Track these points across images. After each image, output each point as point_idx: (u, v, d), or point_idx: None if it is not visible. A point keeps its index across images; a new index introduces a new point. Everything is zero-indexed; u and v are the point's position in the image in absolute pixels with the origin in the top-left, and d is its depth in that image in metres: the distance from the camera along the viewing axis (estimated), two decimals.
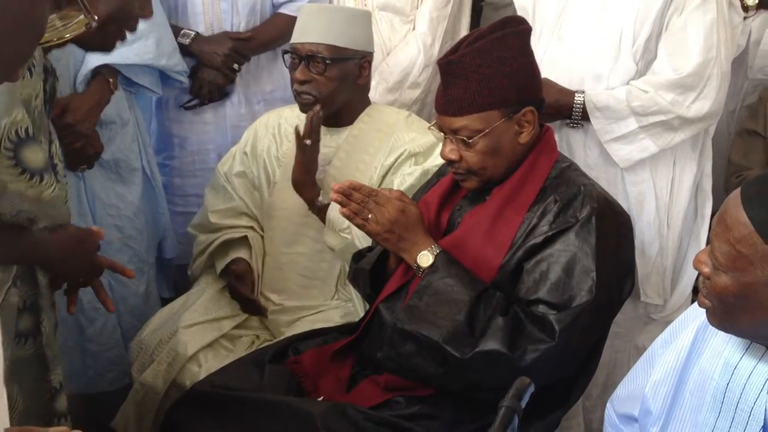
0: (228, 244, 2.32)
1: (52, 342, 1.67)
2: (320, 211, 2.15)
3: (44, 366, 1.66)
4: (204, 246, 2.35)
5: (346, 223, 2.08)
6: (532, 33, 1.82)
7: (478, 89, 1.69)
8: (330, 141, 2.22)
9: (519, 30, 1.75)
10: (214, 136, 2.69)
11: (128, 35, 2.24)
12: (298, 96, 2.16)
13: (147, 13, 1.54)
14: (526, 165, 1.78)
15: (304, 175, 2.15)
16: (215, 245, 2.32)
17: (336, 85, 2.13)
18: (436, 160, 2.13)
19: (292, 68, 2.16)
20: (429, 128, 1.89)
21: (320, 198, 2.16)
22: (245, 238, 2.31)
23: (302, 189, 2.16)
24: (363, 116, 2.23)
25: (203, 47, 2.56)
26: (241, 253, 2.29)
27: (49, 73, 1.55)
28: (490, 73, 1.69)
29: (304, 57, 2.12)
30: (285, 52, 2.21)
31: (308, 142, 2.12)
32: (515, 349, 1.64)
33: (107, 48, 1.59)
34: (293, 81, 2.16)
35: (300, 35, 2.15)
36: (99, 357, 2.42)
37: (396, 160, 2.16)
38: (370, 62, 2.20)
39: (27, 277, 1.59)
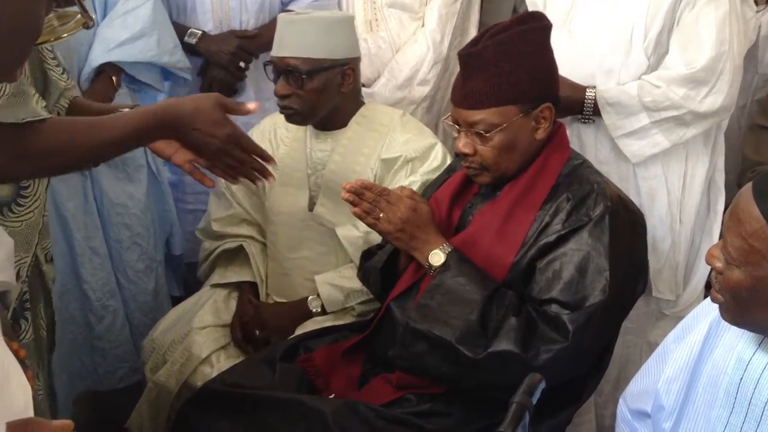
0: (230, 255, 2.34)
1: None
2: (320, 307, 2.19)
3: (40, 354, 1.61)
4: (207, 254, 2.37)
5: (343, 295, 2.14)
6: None
7: (498, 83, 1.69)
8: (324, 144, 2.21)
9: (540, 26, 1.75)
10: None
11: (129, 33, 2.26)
12: (281, 109, 2.13)
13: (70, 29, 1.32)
14: (538, 162, 1.77)
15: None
16: (215, 255, 2.34)
17: (317, 97, 2.09)
18: (433, 164, 2.12)
19: (275, 81, 2.13)
20: (443, 120, 1.87)
21: (311, 307, 2.18)
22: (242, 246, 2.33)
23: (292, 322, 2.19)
24: (357, 117, 2.20)
25: (210, 46, 2.57)
26: (245, 271, 2.30)
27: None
28: (511, 67, 1.68)
29: (282, 71, 2.09)
30: (266, 64, 2.17)
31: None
32: (528, 350, 1.64)
33: (6, 75, 1.43)
34: (274, 93, 2.13)
35: (278, 48, 2.09)
36: (108, 354, 2.44)
37: (393, 159, 2.14)
38: (353, 69, 2.14)
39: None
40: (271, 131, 2.31)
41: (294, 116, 2.13)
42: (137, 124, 1.35)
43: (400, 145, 2.15)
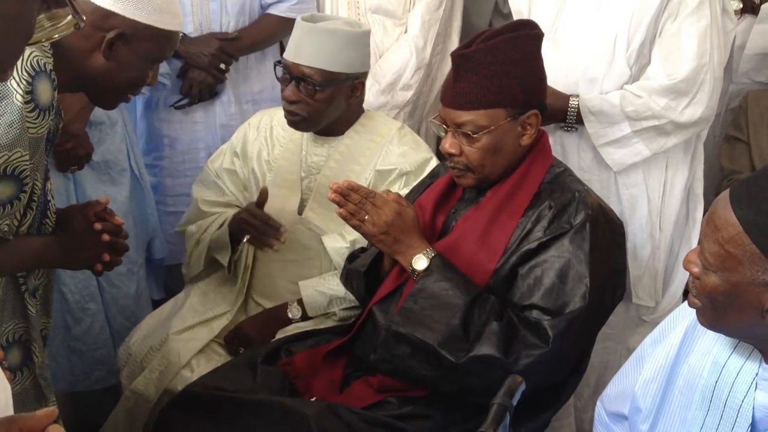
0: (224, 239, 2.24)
1: (46, 369, 1.67)
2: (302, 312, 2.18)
3: (38, 397, 1.66)
4: (199, 234, 2.26)
5: (326, 300, 2.13)
6: None
7: (488, 86, 1.71)
8: (321, 150, 2.21)
9: (532, 34, 1.77)
10: (204, 135, 2.70)
11: None
12: (286, 113, 2.12)
13: (154, 82, 1.64)
14: (521, 169, 1.80)
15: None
16: (212, 228, 2.23)
17: (325, 107, 2.09)
18: None
19: (283, 82, 2.12)
20: (430, 121, 1.89)
21: (290, 315, 2.17)
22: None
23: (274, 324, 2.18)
24: (356, 125, 2.21)
25: (190, 48, 2.57)
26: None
27: (57, 112, 1.57)
28: (501, 71, 1.71)
29: (295, 77, 2.08)
30: (277, 63, 2.17)
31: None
32: (509, 354, 1.66)
33: (110, 107, 1.69)
34: (283, 97, 2.12)
35: (293, 54, 2.08)
36: (85, 356, 2.42)
37: (388, 171, 2.15)
38: (363, 82, 2.15)
39: (19, 310, 1.60)
40: (267, 129, 2.29)
41: (300, 123, 2.12)
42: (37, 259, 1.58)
43: (395, 158, 2.16)
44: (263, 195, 2.14)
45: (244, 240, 2.17)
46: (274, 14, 2.65)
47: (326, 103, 2.09)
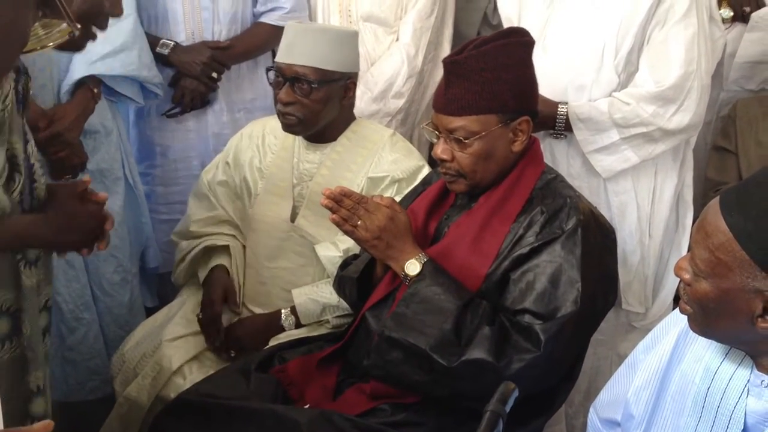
0: (210, 252, 2.30)
1: (36, 344, 1.65)
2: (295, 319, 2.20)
3: (24, 368, 1.64)
4: (185, 253, 2.32)
5: (319, 308, 2.14)
6: None
7: (480, 91, 1.72)
8: (313, 157, 2.22)
9: (523, 41, 1.79)
10: (197, 143, 2.70)
11: (111, 47, 2.26)
12: (281, 116, 2.13)
13: (117, 12, 1.56)
14: (513, 175, 1.81)
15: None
16: (196, 251, 2.29)
17: (321, 107, 2.10)
18: None
19: (276, 86, 2.13)
20: (423, 127, 1.90)
21: (283, 322, 2.18)
22: (227, 247, 2.29)
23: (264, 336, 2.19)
24: (347, 132, 2.22)
25: (182, 57, 2.58)
26: (223, 261, 2.28)
27: (21, 73, 1.51)
28: (492, 77, 1.72)
29: (289, 78, 2.09)
30: (269, 68, 2.18)
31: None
32: (501, 358, 1.66)
33: (78, 48, 1.59)
34: (277, 100, 2.13)
35: (286, 55, 2.10)
36: (79, 366, 2.42)
37: (380, 179, 2.16)
38: (355, 82, 2.17)
39: (9, 281, 1.57)
40: (259, 137, 2.30)
41: (295, 126, 2.13)
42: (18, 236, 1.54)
43: (387, 165, 2.17)
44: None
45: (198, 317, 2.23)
46: (267, 23, 2.66)
47: (322, 103, 2.10)
